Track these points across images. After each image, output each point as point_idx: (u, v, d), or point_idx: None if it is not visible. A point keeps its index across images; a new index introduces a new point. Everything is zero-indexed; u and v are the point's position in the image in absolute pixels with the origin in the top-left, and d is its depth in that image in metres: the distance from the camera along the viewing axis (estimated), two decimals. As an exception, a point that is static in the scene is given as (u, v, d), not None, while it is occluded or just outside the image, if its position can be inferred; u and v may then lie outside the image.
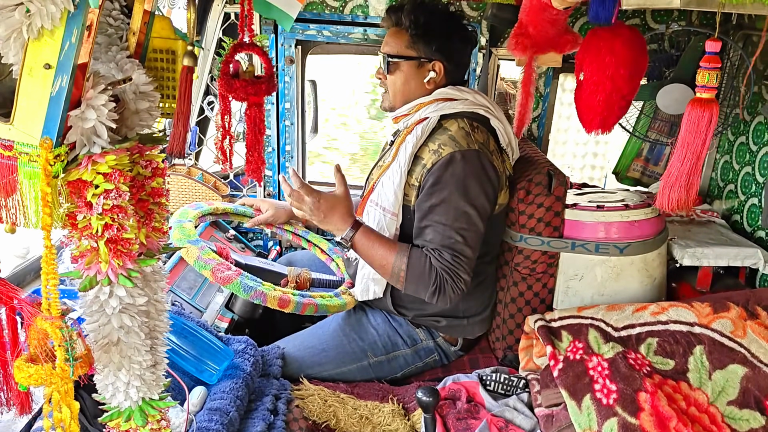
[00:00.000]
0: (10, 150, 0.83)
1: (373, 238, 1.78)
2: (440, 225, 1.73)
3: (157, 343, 1.06)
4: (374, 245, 1.77)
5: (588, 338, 1.69)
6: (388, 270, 1.77)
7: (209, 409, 1.55)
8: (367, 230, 1.80)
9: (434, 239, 1.73)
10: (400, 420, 1.75)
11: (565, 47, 2.03)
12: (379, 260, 1.78)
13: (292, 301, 1.86)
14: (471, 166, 1.74)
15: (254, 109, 1.59)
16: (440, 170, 1.74)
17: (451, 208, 1.73)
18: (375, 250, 1.77)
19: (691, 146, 1.37)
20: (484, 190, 1.76)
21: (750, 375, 1.55)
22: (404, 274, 1.73)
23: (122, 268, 0.92)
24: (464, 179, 1.73)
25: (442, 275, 1.70)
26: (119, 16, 1.05)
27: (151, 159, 1.02)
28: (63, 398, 0.89)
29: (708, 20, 2.45)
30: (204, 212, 2.34)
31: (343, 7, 2.53)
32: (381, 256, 1.76)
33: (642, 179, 2.89)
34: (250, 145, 1.62)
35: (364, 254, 1.80)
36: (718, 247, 2.09)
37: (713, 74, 1.34)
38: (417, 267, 1.72)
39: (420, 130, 1.82)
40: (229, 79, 1.49)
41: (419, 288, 1.74)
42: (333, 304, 1.94)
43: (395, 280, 1.77)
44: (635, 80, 1.75)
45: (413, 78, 1.88)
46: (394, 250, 1.76)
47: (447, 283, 1.70)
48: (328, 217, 1.77)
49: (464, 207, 1.73)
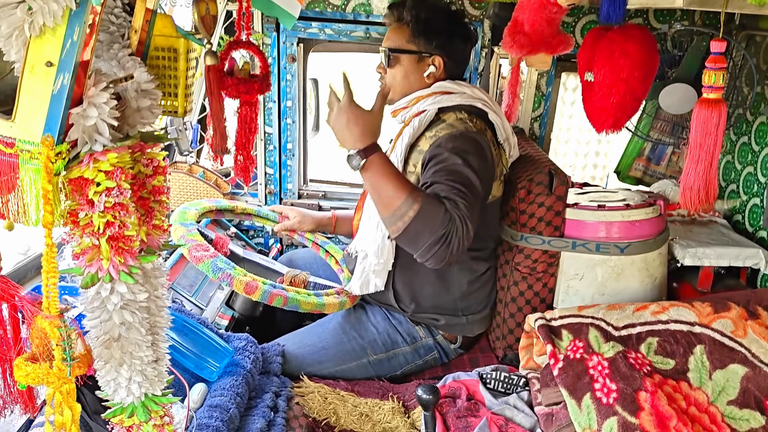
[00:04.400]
0: (11, 147, 0.83)
1: (389, 168, 1.63)
2: (446, 182, 1.66)
3: (158, 339, 1.06)
4: (388, 175, 1.61)
5: (588, 337, 1.69)
6: (396, 204, 1.58)
7: (209, 406, 1.55)
8: (385, 158, 1.64)
9: (442, 192, 1.64)
10: (400, 418, 1.75)
11: (557, 48, 2.04)
12: (388, 191, 1.60)
13: (259, 288, 1.81)
14: (468, 143, 1.74)
15: (246, 107, 1.57)
16: (438, 147, 1.74)
17: (454, 171, 1.68)
18: (386, 180, 1.60)
19: (704, 146, 1.39)
20: (482, 164, 1.75)
21: (750, 375, 1.55)
22: (414, 214, 1.56)
23: (123, 265, 0.92)
24: (463, 152, 1.71)
25: (454, 221, 1.57)
26: (121, 14, 1.05)
27: (153, 157, 1.02)
28: (65, 399, 0.89)
29: (711, 20, 2.45)
30: (222, 207, 2.36)
31: (346, 6, 2.53)
32: (393, 188, 1.59)
33: (644, 179, 2.89)
34: (239, 144, 1.59)
35: (373, 180, 1.62)
36: (720, 247, 2.09)
37: (719, 74, 1.34)
38: (430, 209, 1.57)
39: (417, 122, 1.84)
40: (221, 76, 1.49)
41: (425, 230, 1.57)
42: (306, 301, 1.88)
43: (397, 218, 1.59)
44: (648, 81, 1.76)
45: (413, 72, 1.90)
46: (409, 187, 1.60)
47: (456, 232, 1.57)
48: (350, 125, 1.60)
49: (466, 171, 1.68)
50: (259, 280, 1.85)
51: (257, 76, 1.55)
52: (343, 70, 1.68)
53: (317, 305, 1.89)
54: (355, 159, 1.60)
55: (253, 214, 2.45)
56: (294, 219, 2.38)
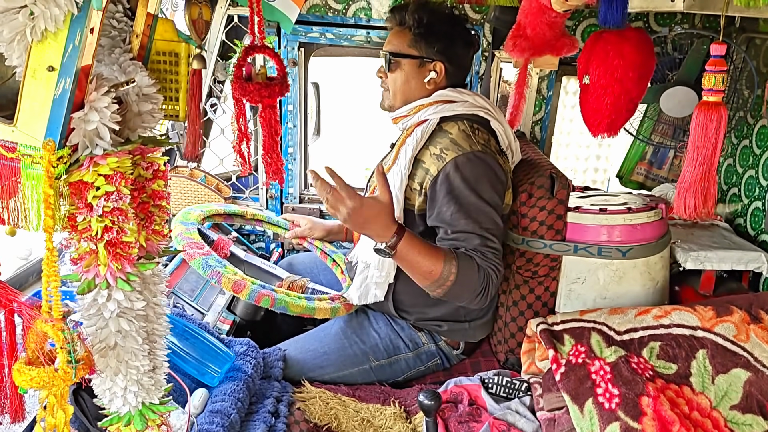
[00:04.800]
0: (13, 152, 0.83)
1: (418, 245, 1.63)
2: (469, 231, 1.69)
3: (155, 347, 1.05)
4: (420, 252, 1.63)
5: (590, 342, 1.68)
6: (435, 276, 1.63)
7: (210, 411, 1.55)
8: (412, 237, 1.64)
9: (470, 243, 1.68)
10: (402, 423, 1.75)
11: (562, 50, 2.04)
12: (425, 267, 1.63)
13: (247, 287, 1.81)
14: (478, 167, 1.73)
15: (268, 111, 1.58)
16: (449, 178, 1.73)
17: (473, 211, 1.70)
18: (421, 257, 1.63)
19: (702, 150, 1.38)
20: (495, 188, 1.76)
21: (753, 379, 1.55)
22: (453, 278, 1.62)
23: (121, 272, 0.91)
24: (475, 182, 1.72)
25: (488, 274, 1.64)
26: (122, 18, 1.05)
27: (153, 161, 1.02)
28: (59, 402, 0.88)
29: (711, 23, 2.45)
30: (231, 212, 2.39)
31: (346, 10, 2.53)
32: (429, 262, 1.62)
33: (645, 182, 2.89)
34: (267, 147, 1.61)
35: (406, 261, 1.65)
36: (722, 251, 2.09)
37: (719, 77, 1.34)
38: (467, 270, 1.63)
39: (420, 133, 1.82)
40: (242, 83, 1.49)
41: (464, 291, 1.65)
42: (295, 303, 1.86)
43: (437, 285, 1.64)
44: (644, 82, 1.75)
45: (414, 77, 1.88)
46: (441, 255, 1.63)
47: (492, 281, 1.65)
48: (368, 224, 1.61)
49: (483, 207, 1.71)
50: (248, 279, 1.85)
51: (275, 79, 1.55)
52: (325, 166, 1.60)
53: (307, 308, 1.88)
54: (383, 253, 1.63)
55: (264, 220, 2.48)
56: (305, 226, 2.40)
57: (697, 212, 1.42)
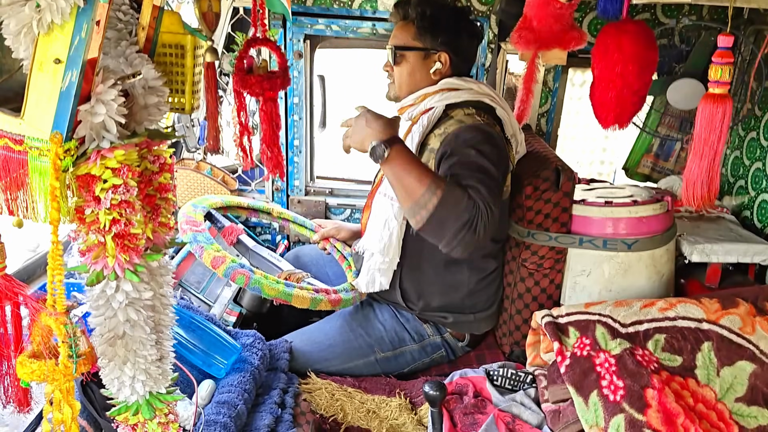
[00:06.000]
0: (20, 144, 0.84)
1: (410, 157, 1.62)
2: (465, 171, 1.65)
3: (162, 337, 1.06)
4: (410, 163, 1.60)
5: (595, 334, 1.68)
6: (417, 194, 1.55)
7: (217, 402, 1.56)
8: (406, 148, 1.64)
9: (463, 179, 1.62)
10: (407, 414, 1.75)
11: (569, 43, 2.02)
12: (411, 181, 1.57)
13: (225, 263, 1.84)
14: (479, 133, 1.73)
15: (269, 104, 1.58)
16: (451, 142, 1.73)
17: (470, 162, 1.66)
18: (410, 169, 1.59)
19: (708, 142, 1.37)
20: (496, 152, 1.72)
21: (758, 372, 1.55)
22: (437, 200, 1.53)
23: (129, 263, 0.92)
24: (476, 143, 1.70)
25: (478, 206, 1.54)
26: (129, 10, 1.06)
27: (159, 154, 1.02)
28: (65, 397, 0.89)
29: (719, 15, 2.44)
30: (257, 207, 2.47)
31: (352, 2, 2.53)
32: (415, 177, 1.57)
33: (652, 175, 2.88)
34: (268, 140, 1.60)
35: (396, 170, 1.61)
36: (728, 244, 2.08)
37: (726, 69, 1.33)
38: (452, 195, 1.55)
39: (426, 120, 1.84)
40: (243, 75, 1.49)
41: (448, 220, 1.55)
42: (271, 286, 1.83)
43: (420, 207, 1.56)
44: (645, 76, 1.74)
45: (419, 69, 1.91)
46: (430, 174, 1.59)
47: (480, 217, 1.54)
48: (371, 122, 1.64)
49: (482, 161, 1.66)
50: (229, 257, 1.87)
51: (277, 72, 1.55)
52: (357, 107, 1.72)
53: (282, 293, 1.85)
54: (379, 148, 1.60)
55: (290, 220, 2.53)
56: (332, 227, 2.43)
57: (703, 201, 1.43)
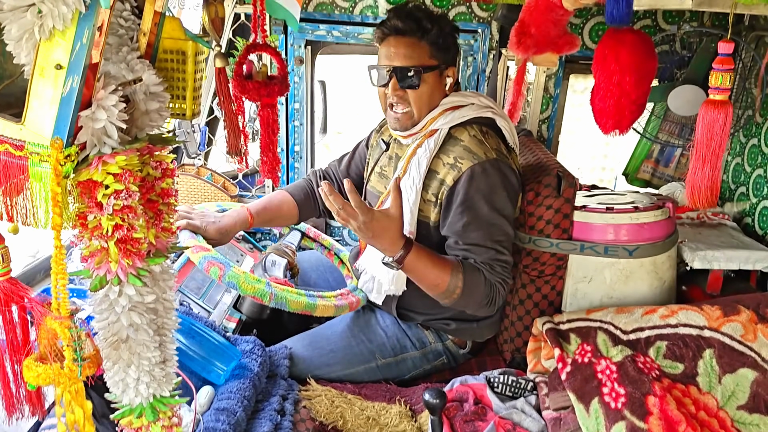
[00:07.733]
0: (21, 150, 0.84)
1: (424, 258, 1.67)
2: (480, 244, 1.72)
3: (165, 341, 1.06)
4: (426, 265, 1.67)
5: (596, 341, 1.68)
6: (442, 288, 1.69)
7: (216, 409, 1.55)
8: (419, 250, 1.67)
9: (479, 256, 1.72)
10: (408, 421, 1.75)
11: (563, 48, 2.03)
12: (431, 279, 1.69)
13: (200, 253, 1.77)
14: (493, 177, 1.73)
15: (267, 109, 1.59)
16: (464, 188, 1.72)
17: (485, 223, 1.72)
18: (428, 270, 1.68)
19: (709, 148, 1.37)
20: (510, 197, 1.77)
21: (760, 379, 1.54)
22: (459, 291, 1.68)
23: (132, 268, 0.92)
24: (490, 192, 1.72)
25: (495, 287, 1.71)
26: (130, 16, 1.06)
27: (161, 160, 1.02)
28: (74, 398, 0.89)
29: (720, 21, 2.44)
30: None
31: (353, 8, 2.53)
32: (435, 275, 1.68)
33: (652, 181, 2.88)
34: (264, 146, 1.62)
35: (414, 274, 1.70)
36: (729, 250, 2.07)
37: (726, 76, 1.33)
38: (473, 283, 1.68)
39: (432, 143, 1.79)
40: (242, 80, 1.49)
41: (470, 302, 1.72)
42: (248, 283, 1.75)
43: (445, 296, 1.71)
44: (643, 85, 1.74)
45: (437, 88, 1.81)
46: (448, 267, 1.68)
47: (499, 293, 1.72)
48: (377, 238, 1.63)
49: (496, 219, 1.73)
50: (209, 248, 1.82)
51: (276, 78, 1.55)
52: (324, 183, 1.58)
53: (258, 291, 1.76)
54: (391, 266, 1.68)
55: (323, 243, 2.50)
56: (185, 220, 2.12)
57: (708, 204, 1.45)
